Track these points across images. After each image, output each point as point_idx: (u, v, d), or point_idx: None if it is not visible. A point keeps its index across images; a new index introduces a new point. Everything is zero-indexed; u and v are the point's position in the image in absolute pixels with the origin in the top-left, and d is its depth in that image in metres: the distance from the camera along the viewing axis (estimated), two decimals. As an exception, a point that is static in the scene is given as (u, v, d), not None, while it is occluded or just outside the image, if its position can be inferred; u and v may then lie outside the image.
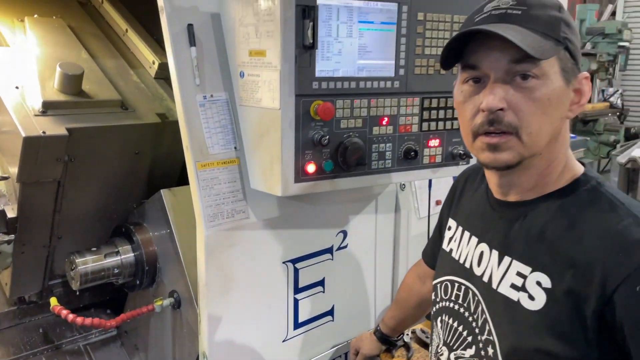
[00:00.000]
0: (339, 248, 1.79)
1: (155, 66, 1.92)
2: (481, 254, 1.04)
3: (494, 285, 0.98)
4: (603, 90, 7.29)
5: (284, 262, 1.63)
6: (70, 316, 1.51)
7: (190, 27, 1.43)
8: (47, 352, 1.90)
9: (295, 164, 1.37)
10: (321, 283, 1.75)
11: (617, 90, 7.25)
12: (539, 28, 0.88)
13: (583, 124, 6.44)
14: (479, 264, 1.04)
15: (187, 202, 1.57)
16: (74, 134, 1.53)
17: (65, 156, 1.56)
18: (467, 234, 1.11)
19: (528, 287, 0.92)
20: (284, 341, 1.68)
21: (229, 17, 1.46)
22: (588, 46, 6.63)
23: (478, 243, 1.06)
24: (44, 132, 1.47)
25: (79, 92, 1.61)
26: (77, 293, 1.90)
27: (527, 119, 0.88)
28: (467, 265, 1.07)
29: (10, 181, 1.61)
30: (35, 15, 1.86)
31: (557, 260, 0.89)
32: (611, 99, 7.13)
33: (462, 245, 1.11)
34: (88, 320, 1.50)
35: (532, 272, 0.92)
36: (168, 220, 1.67)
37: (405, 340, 1.66)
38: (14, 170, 1.54)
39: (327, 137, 1.38)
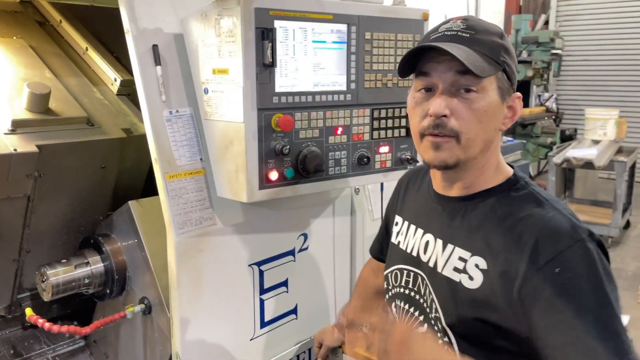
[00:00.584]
0: (301, 250, 1.91)
1: (117, 83, 2.00)
2: (427, 243, 1.19)
3: (439, 269, 1.13)
4: (539, 96, 7.72)
5: (249, 265, 1.74)
6: (47, 324, 1.57)
7: (155, 47, 1.53)
8: (17, 365, 1.93)
9: (259, 172, 1.48)
10: (285, 284, 1.87)
11: (552, 95, 7.69)
12: (483, 50, 1.04)
13: (522, 128, 6.81)
14: (425, 252, 1.19)
15: (154, 212, 1.66)
16: (43, 151, 1.59)
17: (35, 172, 1.62)
18: (413, 227, 1.26)
19: (468, 269, 1.07)
20: (251, 340, 1.79)
21: (191, 38, 1.56)
22: (524, 54, 7.04)
23: (424, 234, 1.21)
24: (15, 150, 1.53)
25: (47, 110, 1.68)
26: (47, 305, 1.95)
27: (467, 126, 1.04)
28: (415, 254, 1.22)
29: (-20, 198, 1.65)
30: (-4, 36, 1.91)
31: (493, 246, 1.04)
32: (547, 104, 7.56)
33: (409, 237, 1.26)
34: (64, 328, 1.56)
35: (471, 256, 1.07)
36: (137, 230, 1.74)
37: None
38: (-16, 187, 1.59)
39: (288, 146, 1.51)
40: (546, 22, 9.06)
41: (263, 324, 1.82)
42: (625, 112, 7.56)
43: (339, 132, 1.63)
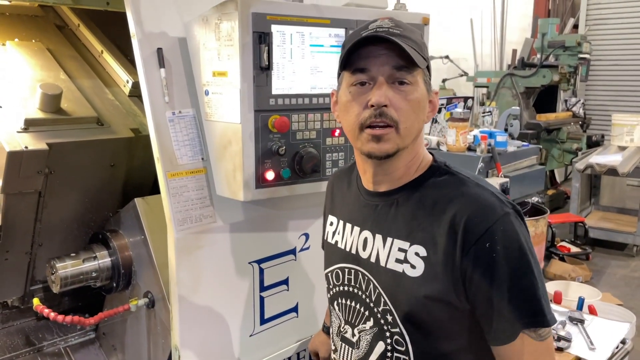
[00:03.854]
0: (302, 249, 1.94)
1: (129, 85, 2.07)
2: (365, 239, 1.24)
3: (382, 263, 1.18)
4: (566, 100, 7.59)
5: (249, 263, 1.78)
6: (52, 314, 1.64)
7: (159, 50, 1.59)
8: (30, 354, 2.01)
9: (256, 171, 1.53)
10: (285, 282, 1.90)
11: (579, 100, 7.56)
12: (413, 45, 1.11)
13: (547, 133, 6.71)
14: (364, 249, 1.24)
15: (160, 209, 1.71)
16: (53, 149, 1.67)
17: (46, 169, 1.69)
18: (348, 225, 1.30)
19: (409, 258, 1.13)
20: (251, 336, 1.82)
21: (194, 42, 1.62)
22: (551, 58, 6.93)
23: (361, 231, 1.25)
24: (26, 147, 1.61)
25: (58, 110, 1.76)
26: (58, 297, 2.04)
27: (404, 115, 1.11)
28: (354, 251, 1.26)
29: (-5, 193, 1.74)
30: (16, 39, 2.00)
31: (428, 232, 1.11)
32: (574, 109, 7.43)
33: (346, 235, 1.30)
34: (68, 318, 1.63)
35: (410, 245, 1.14)
36: (142, 227, 1.80)
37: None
38: (-2, 182, 1.67)
39: (284, 147, 1.55)
40: (575, 26, 8.90)
41: (263, 321, 1.85)
42: (655, 118, 7.35)
43: (336, 134, 1.66)
